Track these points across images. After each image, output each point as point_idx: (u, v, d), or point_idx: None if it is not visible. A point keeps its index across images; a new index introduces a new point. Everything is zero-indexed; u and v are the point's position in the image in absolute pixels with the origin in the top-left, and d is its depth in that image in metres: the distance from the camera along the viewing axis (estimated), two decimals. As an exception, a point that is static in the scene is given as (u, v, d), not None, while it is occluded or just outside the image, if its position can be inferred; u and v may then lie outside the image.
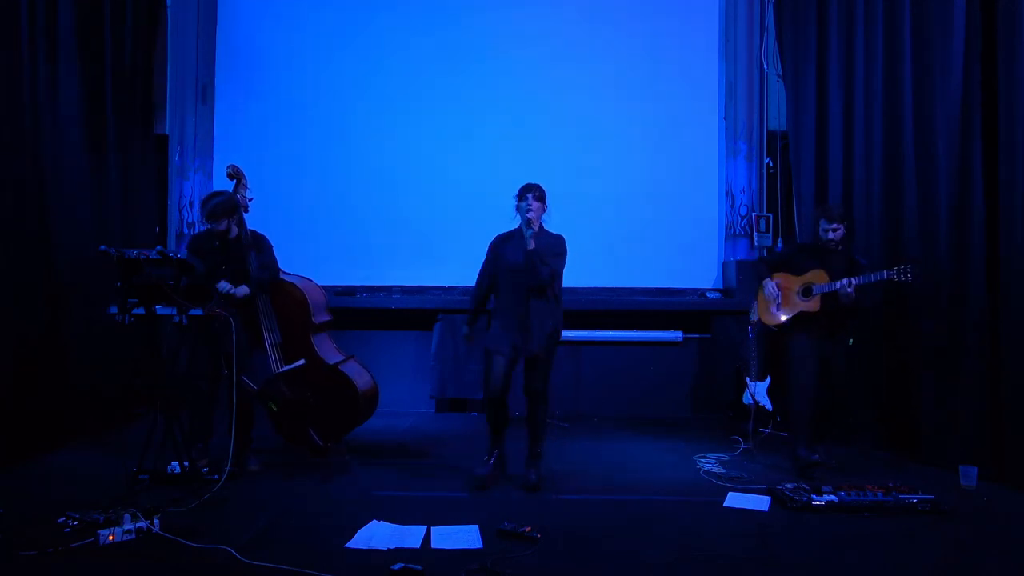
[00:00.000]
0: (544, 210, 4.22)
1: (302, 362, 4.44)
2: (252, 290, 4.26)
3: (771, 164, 6.54)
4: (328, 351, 4.67)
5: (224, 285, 4.25)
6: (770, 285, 4.74)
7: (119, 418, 5.42)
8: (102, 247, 3.90)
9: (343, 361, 4.69)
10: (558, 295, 4.30)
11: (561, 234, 4.32)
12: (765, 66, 6.51)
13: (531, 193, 4.18)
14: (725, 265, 6.52)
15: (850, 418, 5.28)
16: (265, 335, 4.42)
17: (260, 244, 4.44)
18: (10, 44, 4.75)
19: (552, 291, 4.23)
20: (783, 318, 4.70)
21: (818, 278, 4.57)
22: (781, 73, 6.26)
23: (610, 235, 6.49)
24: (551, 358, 4.29)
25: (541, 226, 4.21)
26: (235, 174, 4.42)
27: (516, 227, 4.30)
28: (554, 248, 4.22)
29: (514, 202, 4.25)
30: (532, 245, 4.08)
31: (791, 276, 4.72)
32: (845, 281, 4.36)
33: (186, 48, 6.60)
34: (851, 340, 4.63)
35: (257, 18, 6.70)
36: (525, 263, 4.12)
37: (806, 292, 4.62)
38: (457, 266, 6.36)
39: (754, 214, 6.46)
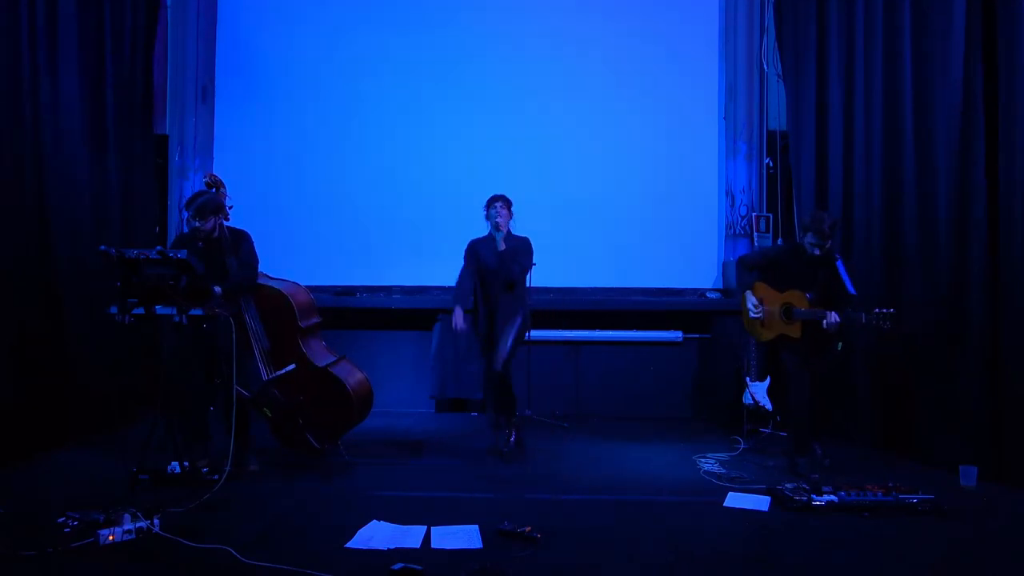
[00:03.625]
0: (511, 217, 4.91)
1: (292, 367, 4.45)
2: (225, 290, 4.22)
3: (771, 164, 6.54)
4: (318, 353, 4.68)
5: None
6: (751, 301, 4.71)
7: (119, 418, 5.42)
8: (102, 247, 3.89)
9: (334, 363, 4.70)
10: (524, 293, 4.99)
11: (527, 236, 4.98)
12: (765, 66, 6.51)
13: (499, 202, 4.88)
14: (725, 265, 6.52)
15: (849, 418, 5.30)
16: (253, 343, 4.44)
17: (241, 241, 4.41)
18: (10, 44, 4.75)
19: (519, 288, 4.94)
20: (765, 338, 4.73)
21: (798, 301, 4.51)
22: (781, 73, 6.26)
23: (610, 235, 6.50)
24: (517, 345, 4.90)
25: (509, 231, 4.91)
26: (214, 182, 4.44)
27: (487, 233, 4.98)
28: (522, 248, 4.94)
29: (483, 211, 4.95)
30: (503, 246, 4.86)
31: (772, 291, 4.67)
32: (831, 319, 4.30)
33: (186, 48, 6.61)
34: (840, 345, 4.60)
35: (257, 18, 6.70)
36: (498, 262, 4.84)
37: (787, 314, 4.56)
38: (457, 266, 6.33)
39: (754, 214, 6.46)
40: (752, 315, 4.71)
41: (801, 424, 4.58)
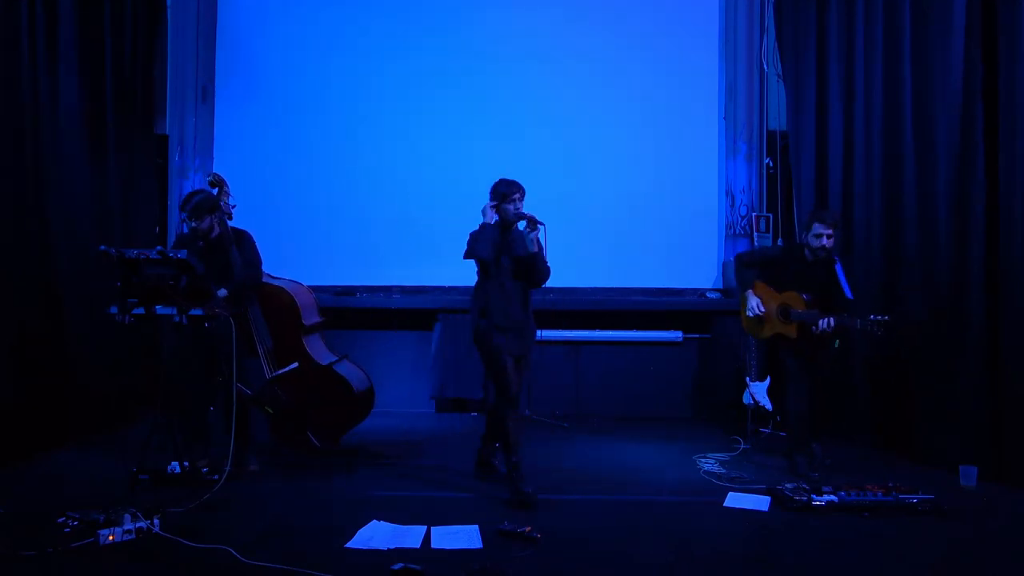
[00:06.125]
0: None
1: (295, 365, 4.46)
2: (231, 291, 4.22)
3: (771, 164, 6.54)
4: (320, 352, 4.68)
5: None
6: (752, 302, 4.68)
7: (119, 418, 5.42)
8: (102, 247, 3.89)
9: (336, 361, 4.70)
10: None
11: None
12: (765, 66, 6.51)
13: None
14: (725, 265, 6.52)
15: (848, 418, 5.30)
16: (256, 342, 4.44)
17: (242, 241, 4.40)
18: (10, 44, 4.74)
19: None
20: (763, 335, 4.75)
21: (795, 302, 4.50)
22: (781, 73, 6.26)
23: (610, 235, 6.49)
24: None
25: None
26: (217, 182, 4.42)
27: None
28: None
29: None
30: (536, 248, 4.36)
31: (770, 290, 4.67)
32: (824, 324, 4.26)
33: (186, 48, 6.60)
34: (837, 343, 4.60)
35: (257, 19, 6.69)
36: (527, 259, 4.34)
37: (784, 314, 4.56)
38: (457, 266, 6.30)
39: (754, 214, 6.46)
40: (751, 315, 4.71)
41: (800, 424, 4.59)
